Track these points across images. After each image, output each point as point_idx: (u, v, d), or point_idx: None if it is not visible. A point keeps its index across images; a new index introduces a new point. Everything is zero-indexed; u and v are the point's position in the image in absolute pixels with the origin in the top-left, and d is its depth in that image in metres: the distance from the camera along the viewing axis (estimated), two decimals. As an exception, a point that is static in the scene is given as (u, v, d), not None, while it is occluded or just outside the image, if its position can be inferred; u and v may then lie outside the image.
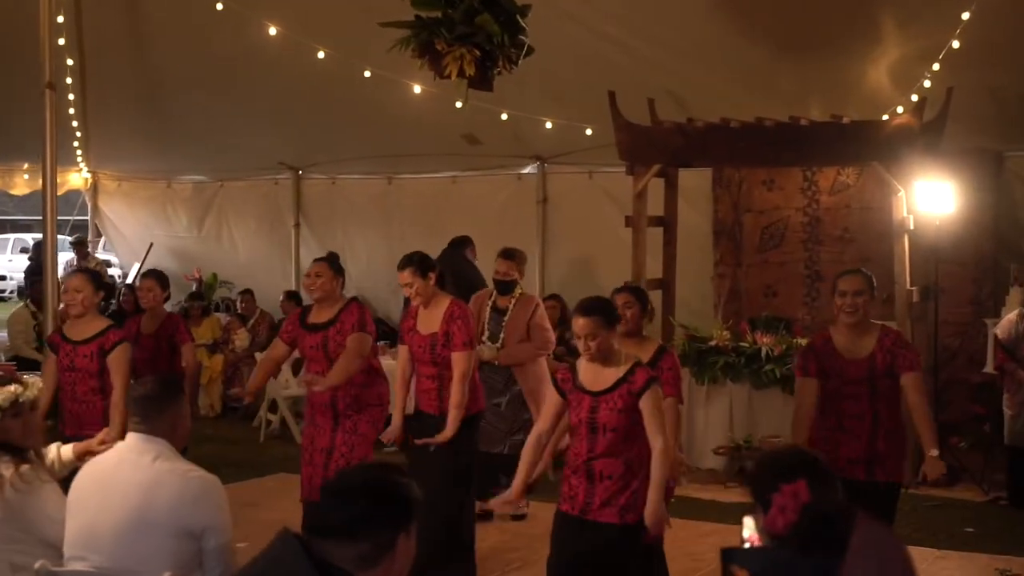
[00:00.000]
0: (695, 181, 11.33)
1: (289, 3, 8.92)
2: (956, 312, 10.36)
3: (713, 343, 9.58)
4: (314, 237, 13.72)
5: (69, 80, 10.64)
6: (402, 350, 6.78)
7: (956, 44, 8.15)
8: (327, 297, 6.89)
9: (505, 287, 8.35)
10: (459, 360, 6.42)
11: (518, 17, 6.40)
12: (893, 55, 9.22)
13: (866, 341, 5.70)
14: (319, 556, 2.51)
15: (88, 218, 15.18)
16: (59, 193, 14.33)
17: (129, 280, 13.86)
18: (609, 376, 5.07)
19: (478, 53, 6.29)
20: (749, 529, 3.22)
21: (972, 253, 10.43)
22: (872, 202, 10.59)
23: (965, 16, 8.05)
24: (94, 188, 14.85)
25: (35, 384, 4.54)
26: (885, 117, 9.10)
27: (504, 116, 10.27)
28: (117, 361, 6.61)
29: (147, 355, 7.66)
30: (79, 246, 14.30)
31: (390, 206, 13.27)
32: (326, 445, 6.79)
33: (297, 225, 13.80)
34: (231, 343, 12.19)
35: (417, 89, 9.36)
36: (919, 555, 5.46)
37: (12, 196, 17.35)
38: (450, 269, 9.64)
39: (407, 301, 6.87)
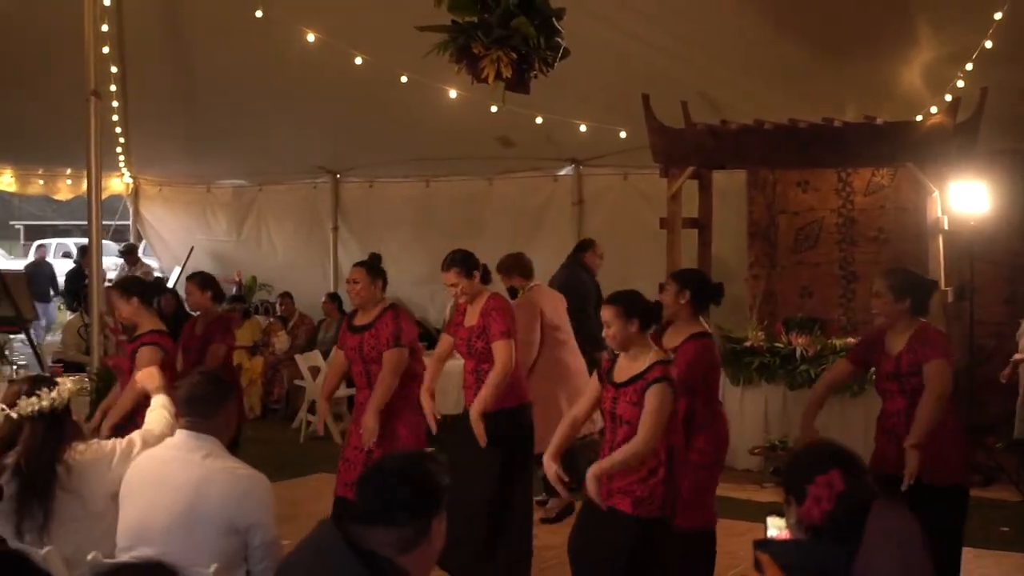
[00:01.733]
0: (730, 182, 11.41)
1: (327, 10, 9.03)
2: (991, 311, 10.38)
3: (748, 344, 9.63)
4: (353, 240, 13.87)
5: (113, 87, 10.79)
6: (444, 342, 6.86)
7: (989, 44, 8.17)
8: (366, 302, 7.04)
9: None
10: (498, 349, 6.50)
11: (554, 20, 6.46)
12: (927, 56, 9.26)
13: (901, 339, 5.77)
14: (358, 543, 2.61)
15: (130, 223, 15.37)
16: (102, 199, 14.66)
17: (170, 284, 14.04)
18: (633, 368, 5.26)
19: (515, 56, 6.35)
20: (775, 529, 3.32)
21: (1006, 252, 10.44)
22: (907, 203, 10.61)
23: (997, 16, 8.07)
24: (135, 193, 15.05)
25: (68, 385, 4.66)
26: (919, 118, 9.13)
27: (539, 120, 10.35)
28: (140, 357, 6.81)
29: (195, 356, 7.82)
30: (129, 254, 14.47)
31: (427, 209, 13.40)
32: (363, 445, 6.91)
33: (335, 228, 13.95)
34: (271, 345, 12.33)
35: (453, 94, 9.45)
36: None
37: (53, 201, 17.58)
38: (565, 275, 9.82)
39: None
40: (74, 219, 33.74)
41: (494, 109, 9.78)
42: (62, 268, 20.33)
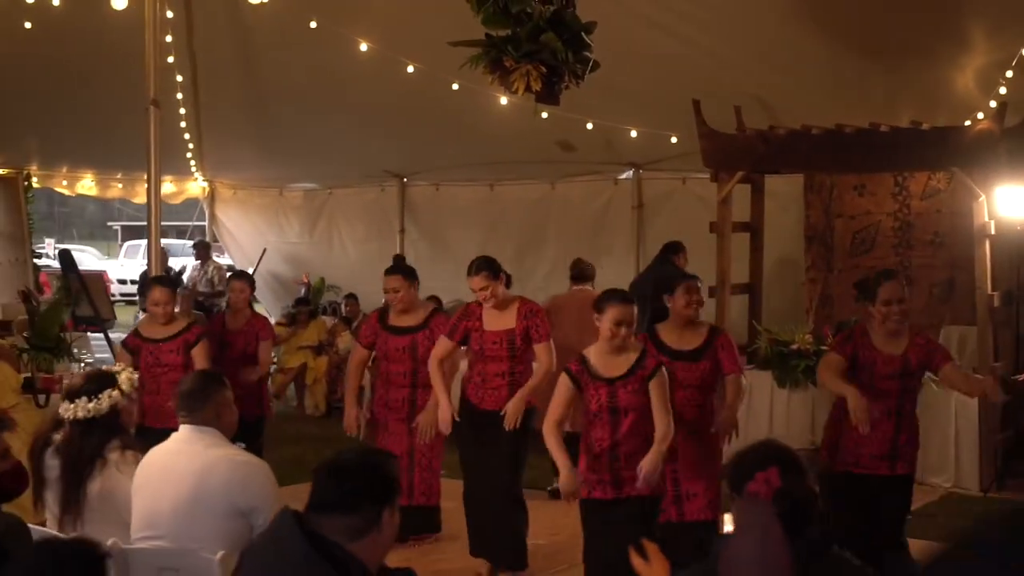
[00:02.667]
0: (787, 187, 11.50)
1: (379, 19, 9.30)
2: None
3: (795, 347, 9.70)
4: (421, 241, 14.15)
5: (180, 95, 11.17)
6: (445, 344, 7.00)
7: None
8: (410, 306, 7.34)
9: None
10: (543, 351, 6.74)
11: (583, 34, 6.65)
12: (980, 61, 9.27)
13: (901, 340, 5.90)
14: (312, 530, 2.84)
15: (206, 224, 15.83)
16: (178, 201, 15.16)
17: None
18: (622, 363, 5.54)
19: (544, 69, 6.56)
20: (730, 524, 3.49)
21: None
22: (963, 207, 10.54)
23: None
24: (211, 196, 15.49)
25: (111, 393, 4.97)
26: (968, 123, 9.14)
27: (589, 126, 10.54)
28: (201, 353, 7.30)
29: (235, 353, 8.15)
30: (202, 248, 14.94)
31: (492, 212, 13.62)
32: (402, 450, 7.19)
33: (403, 231, 14.24)
34: (335, 345, 12.65)
35: (504, 100, 9.65)
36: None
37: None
38: (659, 272, 10.02)
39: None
40: (168, 220, 34.49)
41: (544, 115, 9.99)
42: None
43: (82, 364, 9.09)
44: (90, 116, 11.78)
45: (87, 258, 30.16)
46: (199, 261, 14.81)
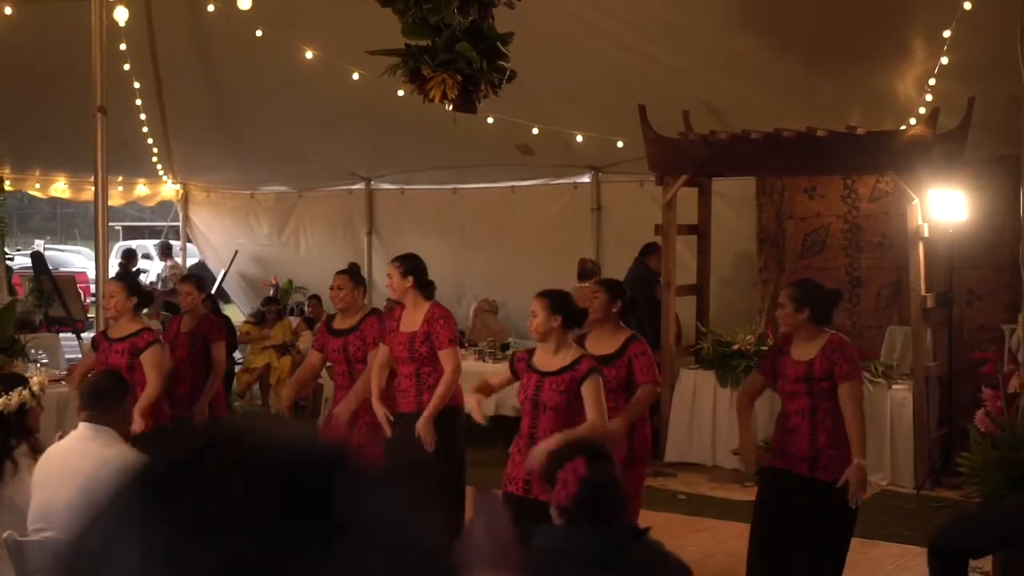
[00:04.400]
0: (740, 189, 11.70)
1: (323, 28, 9.51)
2: (994, 318, 10.48)
3: (736, 347, 9.89)
4: (384, 245, 14.34)
5: (139, 101, 11.38)
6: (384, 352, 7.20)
7: (945, 61, 8.36)
8: (349, 307, 7.58)
9: None
10: (448, 356, 6.89)
11: (499, 44, 6.85)
12: (917, 68, 9.44)
13: (813, 347, 6.05)
14: None
15: (180, 225, 16.04)
16: (152, 203, 15.38)
17: (214, 288, 14.67)
18: (556, 362, 5.72)
19: (459, 79, 6.76)
20: None
21: (1009, 259, 10.53)
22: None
23: (946, 34, 8.27)
24: (185, 198, 15.70)
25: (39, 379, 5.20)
26: (904, 128, 9.33)
27: (535, 131, 10.75)
28: (149, 361, 7.24)
29: (184, 352, 8.35)
30: (164, 249, 15.22)
31: (455, 215, 13.81)
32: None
33: (370, 233, 14.44)
34: (297, 346, 12.84)
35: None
36: (920, 553, 5.77)
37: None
38: (639, 273, 10.27)
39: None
40: (161, 220, 34.71)
41: (490, 120, 10.21)
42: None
43: (38, 364, 9.27)
44: (58, 120, 11.97)
45: (78, 259, 30.36)
46: (161, 260, 15.07)
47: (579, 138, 11.10)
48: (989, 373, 6.46)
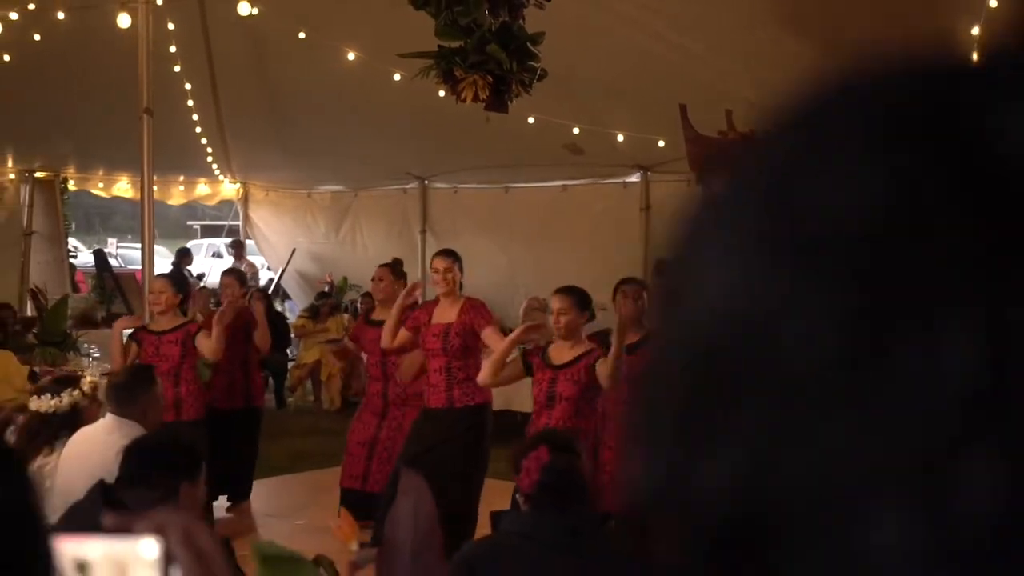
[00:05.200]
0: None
1: (365, 30, 9.69)
2: None
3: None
4: (438, 243, 14.49)
5: (191, 103, 11.66)
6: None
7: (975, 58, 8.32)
8: (388, 299, 7.79)
9: None
10: (491, 334, 6.86)
11: (529, 44, 6.98)
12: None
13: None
14: (115, 499, 3.21)
15: (240, 224, 16.36)
16: (213, 202, 15.69)
17: (272, 287, 14.98)
18: (570, 355, 5.92)
19: (491, 79, 6.91)
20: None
21: None
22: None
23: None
24: (245, 198, 16.02)
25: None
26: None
27: (576, 130, 10.85)
28: (203, 335, 7.62)
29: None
30: (236, 247, 15.58)
31: (506, 214, 13.94)
32: (366, 439, 7.60)
33: (423, 232, 14.63)
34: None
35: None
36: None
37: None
38: None
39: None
40: (225, 219, 35.18)
41: (531, 120, 10.35)
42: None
43: (90, 358, 9.56)
44: (117, 122, 12.26)
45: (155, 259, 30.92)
46: (234, 258, 15.42)
47: (620, 137, 11.17)
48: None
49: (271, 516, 8.60)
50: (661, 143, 11.02)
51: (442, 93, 10.02)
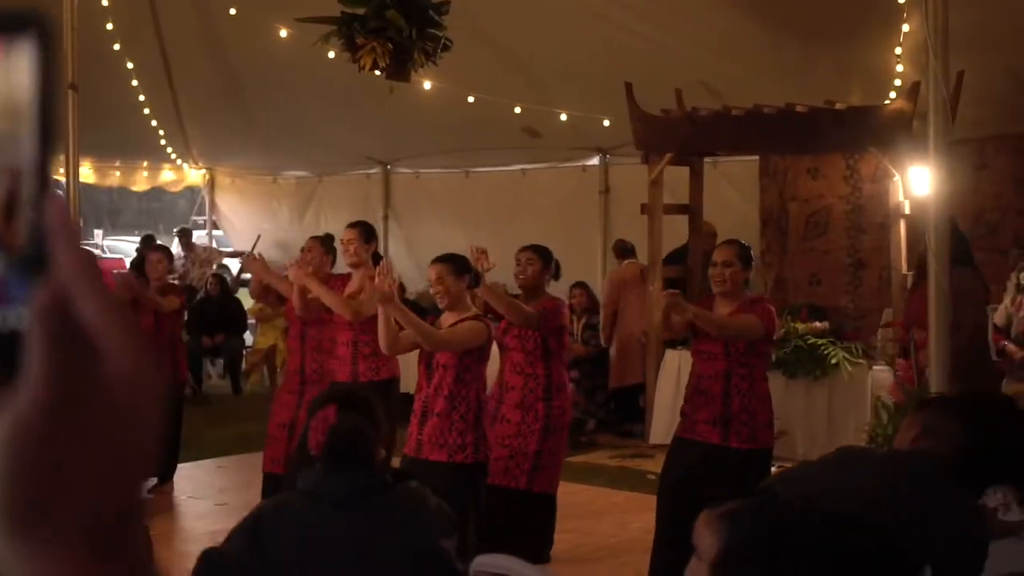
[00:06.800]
0: (743, 170, 11.56)
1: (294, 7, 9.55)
2: (997, 298, 10.20)
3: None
4: (400, 229, 14.39)
5: (135, 82, 11.53)
6: None
7: (906, 28, 8.15)
8: (316, 271, 7.74)
9: None
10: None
11: (431, 12, 6.82)
12: (909, 41, 9.22)
13: (731, 304, 5.94)
14: None
15: (206, 212, 16.27)
16: (178, 189, 15.56)
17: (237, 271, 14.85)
18: (450, 321, 5.81)
19: (391, 46, 6.76)
20: None
21: (1011, 239, 10.27)
22: (910, 189, 10.54)
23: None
24: (211, 184, 15.89)
25: None
26: (887, 102, 9.12)
27: (517, 110, 10.70)
28: None
29: (151, 320, 8.64)
30: (183, 236, 15.50)
31: (467, 199, 13.80)
32: (286, 421, 7.44)
33: (386, 217, 14.48)
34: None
35: (427, 85, 9.82)
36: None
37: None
38: None
39: None
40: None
41: (471, 100, 10.19)
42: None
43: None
44: (81, 106, 12.17)
45: (130, 248, 31.01)
46: (182, 247, 15.45)
47: (563, 117, 11.01)
48: (902, 342, 6.30)
49: (195, 497, 8.46)
50: (606, 122, 10.85)
51: (332, 54, 10.00)
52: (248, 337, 13.79)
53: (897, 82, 8.93)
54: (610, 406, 11.00)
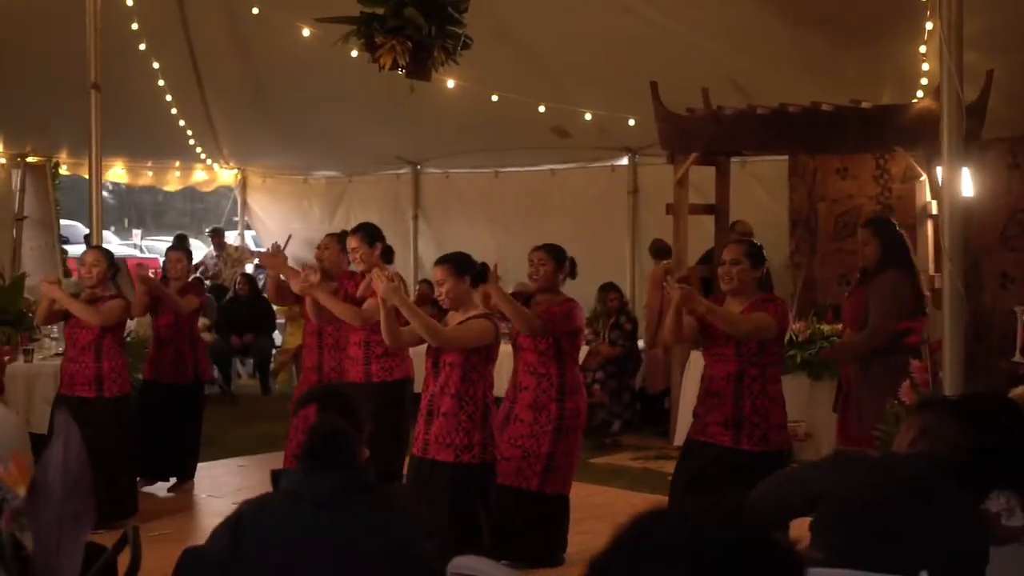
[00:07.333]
0: (772, 170, 11.49)
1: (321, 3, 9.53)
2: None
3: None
4: (430, 229, 14.39)
5: (162, 82, 11.57)
6: None
7: (930, 26, 8.03)
8: (333, 268, 7.79)
9: None
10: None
11: (451, 10, 6.79)
12: (933, 38, 9.09)
13: (741, 303, 5.88)
14: None
15: (238, 211, 16.32)
16: (209, 189, 15.62)
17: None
18: (456, 320, 5.84)
19: (410, 45, 6.72)
20: None
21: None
22: (939, 189, 10.41)
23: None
24: (243, 184, 15.95)
25: None
26: (914, 101, 9.00)
27: (542, 109, 10.66)
28: (105, 307, 7.49)
29: (170, 318, 8.74)
30: (215, 235, 15.57)
31: (496, 199, 13.78)
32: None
33: (415, 217, 14.49)
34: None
35: (451, 83, 9.79)
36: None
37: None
38: None
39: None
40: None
41: (495, 98, 10.14)
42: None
43: (49, 338, 9.50)
44: (114, 107, 12.24)
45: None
46: (214, 247, 15.51)
47: (588, 116, 10.96)
48: (915, 344, 6.21)
49: (214, 496, 8.47)
50: (632, 121, 10.79)
51: (354, 53, 9.94)
52: (277, 337, 13.82)
53: (924, 81, 8.77)
54: (636, 407, 10.94)
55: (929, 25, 8.07)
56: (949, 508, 3.34)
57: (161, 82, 11.52)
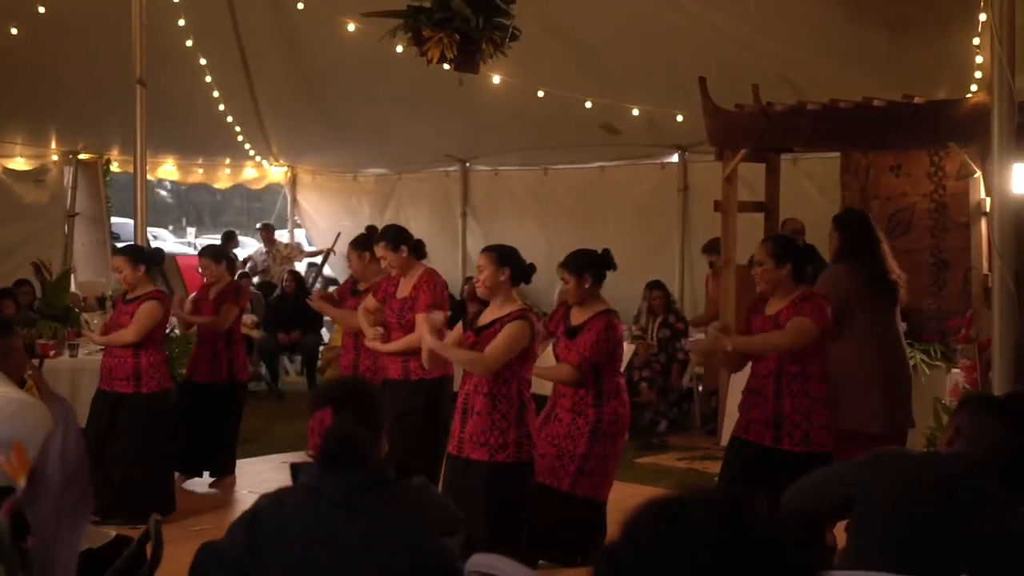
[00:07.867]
0: (824, 167, 11.31)
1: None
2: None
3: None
4: (479, 226, 14.32)
5: (208, 78, 11.58)
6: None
7: (983, 17, 7.84)
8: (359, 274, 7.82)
9: None
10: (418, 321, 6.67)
11: (499, 2, 6.71)
12: (987, 30, 8.90)
13: (781, 302, 5.79)
14: None
15: (288, 208, 16.34)
16: (259, 186, 15.67)
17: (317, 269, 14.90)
18: (493, 316, 5.80)
19: (458, 37, 6.67)
20: None
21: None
22: (995, 187, 10.19)
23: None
24: (293, 181, 15.98)
25: None
26: (968, 96, 8.82)
27: (588, 104, 10.55)
28: (140, 310, 7.48)
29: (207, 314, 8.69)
30: (265, 230, 15.61)
31: (545, 196, 13.69)
32: None
33: (464, 214, 14.44)
34: (377, 324, 12.94)
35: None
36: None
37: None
38: None
39: None
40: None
41: (540, 94, 10.04)
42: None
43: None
44: (163, 104, 12.29)
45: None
46: (264, 242, 15.54)
47: (635, 112, 10.84)
48: (965, 343, 6.06)
49: (254, 492, 8.44)
50: (679, 117, 10.66)
51: (400, 48, 9.89)
52: (325, 334, 13.81)
53: (978, 74, 8.58)
54: (683, 407, 10.81)
55: (983, 16, 7.88)
56: (983, 509, 3.23)
57: (208, 78, 11.52)
